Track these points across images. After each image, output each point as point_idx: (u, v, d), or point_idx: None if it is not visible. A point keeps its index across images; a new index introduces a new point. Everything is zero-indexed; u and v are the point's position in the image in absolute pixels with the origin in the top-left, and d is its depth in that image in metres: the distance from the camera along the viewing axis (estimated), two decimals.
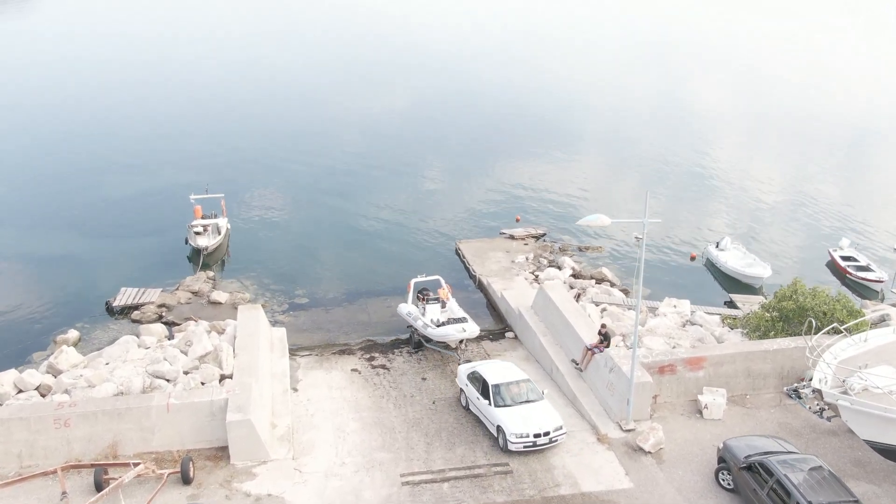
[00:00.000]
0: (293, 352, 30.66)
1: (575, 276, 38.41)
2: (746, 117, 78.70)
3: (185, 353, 26.62)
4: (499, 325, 33.85)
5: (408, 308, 31.44)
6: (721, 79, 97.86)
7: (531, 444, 22.68)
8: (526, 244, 42.55)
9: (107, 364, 27.21)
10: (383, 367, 29.63)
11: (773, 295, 30.55)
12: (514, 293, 34.13)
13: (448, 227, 46.16)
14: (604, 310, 32.31)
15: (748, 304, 35.25)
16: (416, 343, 30.40)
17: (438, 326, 29.36)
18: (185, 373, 25.50)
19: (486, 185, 54.23)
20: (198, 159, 56.09)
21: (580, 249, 42.74)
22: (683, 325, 31.07)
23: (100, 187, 50.44)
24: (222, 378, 25.19)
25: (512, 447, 22.76)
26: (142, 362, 26.39)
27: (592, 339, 27.23)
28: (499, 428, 23.28)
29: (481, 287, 37.65)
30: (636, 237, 20.94)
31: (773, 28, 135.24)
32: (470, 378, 25.42)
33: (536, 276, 37.73)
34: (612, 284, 37.56)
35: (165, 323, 33.23)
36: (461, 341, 29.60)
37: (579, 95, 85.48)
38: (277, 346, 29.37)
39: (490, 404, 23.84)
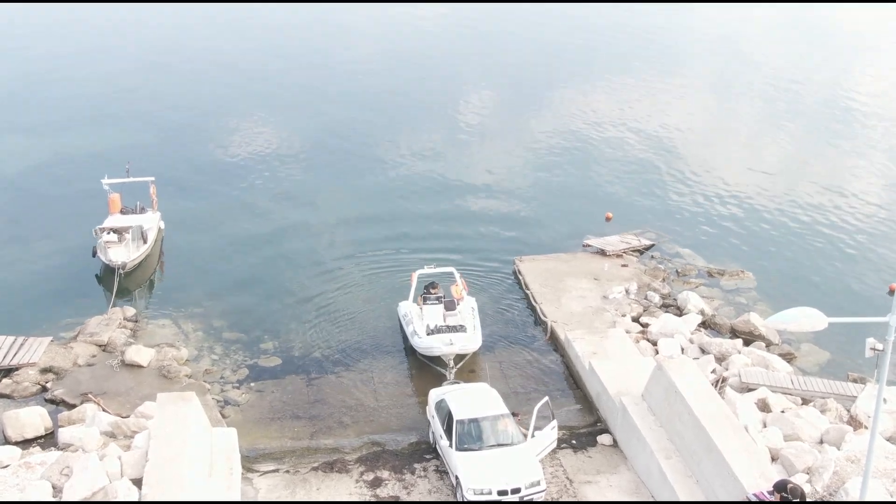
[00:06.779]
0: (250, 464, 24.98)
1: (706, 325, 32.01)
2: None
3: (59, 492, 20.80)
4: (586, 420, 27.37)
5: (406, 308, 31.02)
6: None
7: (495, 503, 21.99)
8: (625, 265, 35.97)
9: None
10: (396, 502, 23.63)
11: None
12: (613, 367, 27.62)
13: (501, 230, 39.93)
14: (765, 410, 25.67)
15: None
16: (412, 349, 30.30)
17: (429, 335, 28.92)
18: None
19: (556, 160, 47.57)
20: (122, 124, 50.21)
21: (710, 274, 36.14)
22: None
23: None
24: None
25: None
26: None
27: (757, 479, 20.83)
28: (457, 479, 22.54)
29: (555, 343, 31.25)
30: (872, 349, 14.56)
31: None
32: (437, 407, 24.74)
33: (644, 327, 31.29)
34: (768, 344, 30.92)
35: (51, 401, 27.82)
36: (455, 357, 28.69)
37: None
38: (221, 466, 23.29)
39: (451, 446, 23.06)
